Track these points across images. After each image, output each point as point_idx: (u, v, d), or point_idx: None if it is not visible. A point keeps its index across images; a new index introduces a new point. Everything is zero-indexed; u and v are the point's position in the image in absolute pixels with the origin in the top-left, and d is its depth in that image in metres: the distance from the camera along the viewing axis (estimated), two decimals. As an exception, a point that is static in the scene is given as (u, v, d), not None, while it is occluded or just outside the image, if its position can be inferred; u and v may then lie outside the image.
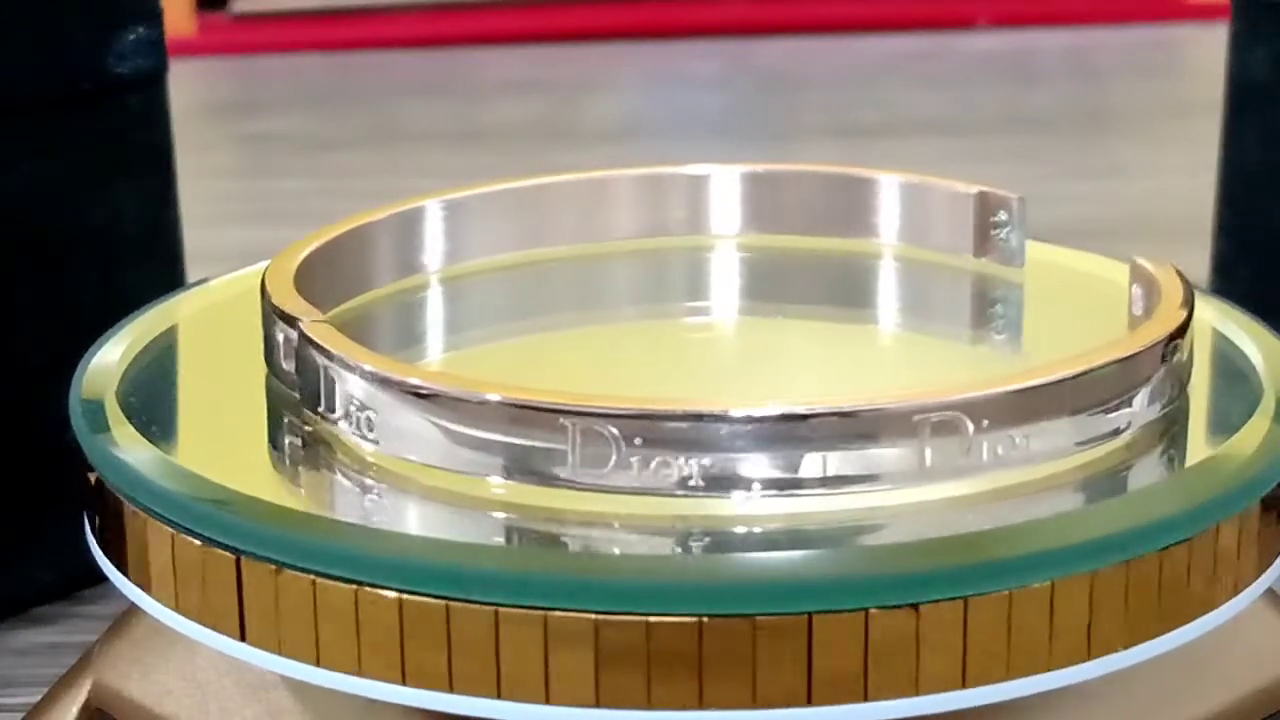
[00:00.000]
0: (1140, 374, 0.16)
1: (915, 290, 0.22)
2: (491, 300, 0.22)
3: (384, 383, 0.16)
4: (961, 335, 0.21)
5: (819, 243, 0.22)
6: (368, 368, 0.16)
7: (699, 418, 0.15)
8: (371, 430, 0.16)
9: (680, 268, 0.23)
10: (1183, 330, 0.17)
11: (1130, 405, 0.16)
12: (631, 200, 0.22)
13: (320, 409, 0.17)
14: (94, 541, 0.17)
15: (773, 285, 0.23)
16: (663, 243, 0.23)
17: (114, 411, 0.17)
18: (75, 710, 0.19)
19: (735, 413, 0.15)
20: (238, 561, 0.15)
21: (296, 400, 0.17)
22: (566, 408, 0.15)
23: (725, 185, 0.22)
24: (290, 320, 0.17)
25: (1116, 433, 0.16)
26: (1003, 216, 0.21)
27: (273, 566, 0.15)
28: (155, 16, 0.26)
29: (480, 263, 0.22)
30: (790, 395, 0.15)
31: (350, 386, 0.16)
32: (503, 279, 0.22)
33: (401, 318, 0.21)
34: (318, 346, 0.16)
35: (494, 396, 0.15)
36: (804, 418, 0.15)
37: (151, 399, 0.18)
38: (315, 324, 0.17)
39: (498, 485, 0.15)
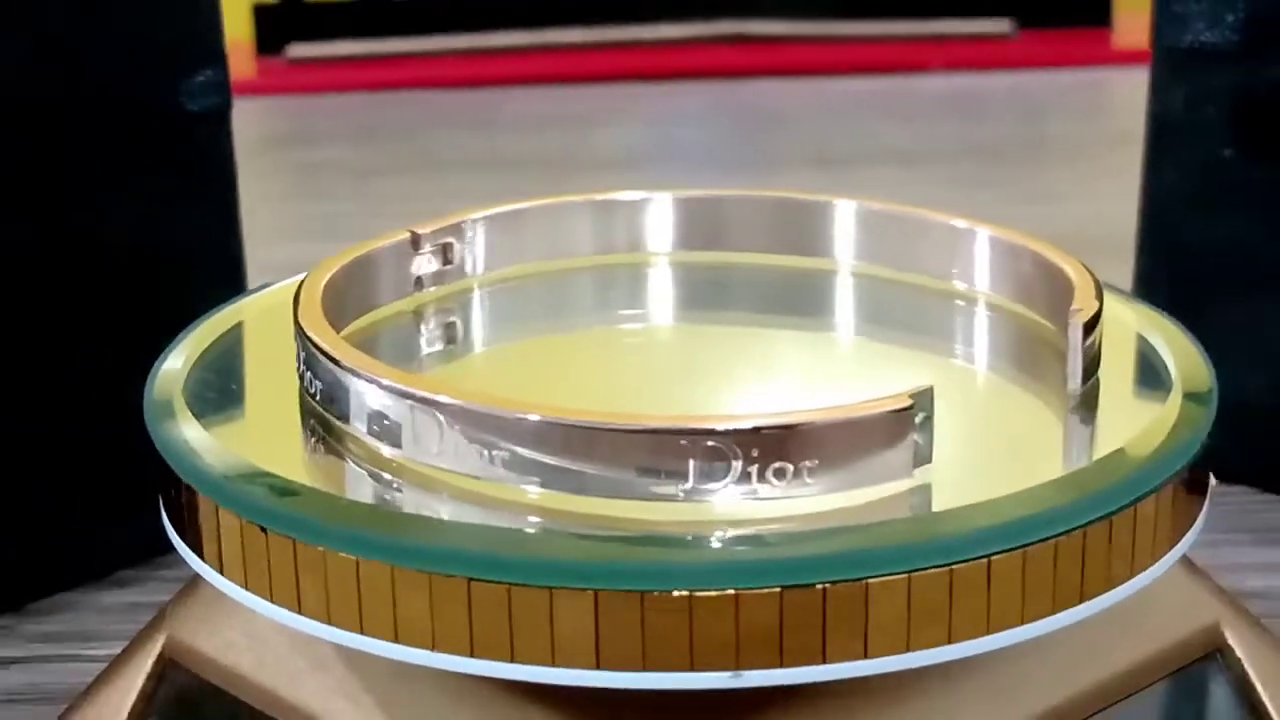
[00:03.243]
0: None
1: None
2: (477, 314, 0.21)
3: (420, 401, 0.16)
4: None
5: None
6: (405, 388, 0.16)
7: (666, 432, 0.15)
8: (396, 442, 0.16)
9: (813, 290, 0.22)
10: (1094, 322, 0.17)
11: None
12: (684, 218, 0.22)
13: (347, 420, 0.16)
14: (166, 519, 0.17)
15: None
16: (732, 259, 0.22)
17: (181, 408, 0.17)
18: (150, 662, 0.19)
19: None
20: (294, 545, 0.15)
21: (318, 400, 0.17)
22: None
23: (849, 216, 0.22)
24: (314, 342, 0.17)
25: None
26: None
27: (320, 548, 0.15)
28: (221, 60, 0.27)
29: (470, 280, 0.21)
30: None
31: (370, 400, 0.16)
32: (495, 294, 0.21)
33: (411, 333, 0.21)
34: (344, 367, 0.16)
35: (534, 416, 0.15)
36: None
37: (215, 395, 0.18)
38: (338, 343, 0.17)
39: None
